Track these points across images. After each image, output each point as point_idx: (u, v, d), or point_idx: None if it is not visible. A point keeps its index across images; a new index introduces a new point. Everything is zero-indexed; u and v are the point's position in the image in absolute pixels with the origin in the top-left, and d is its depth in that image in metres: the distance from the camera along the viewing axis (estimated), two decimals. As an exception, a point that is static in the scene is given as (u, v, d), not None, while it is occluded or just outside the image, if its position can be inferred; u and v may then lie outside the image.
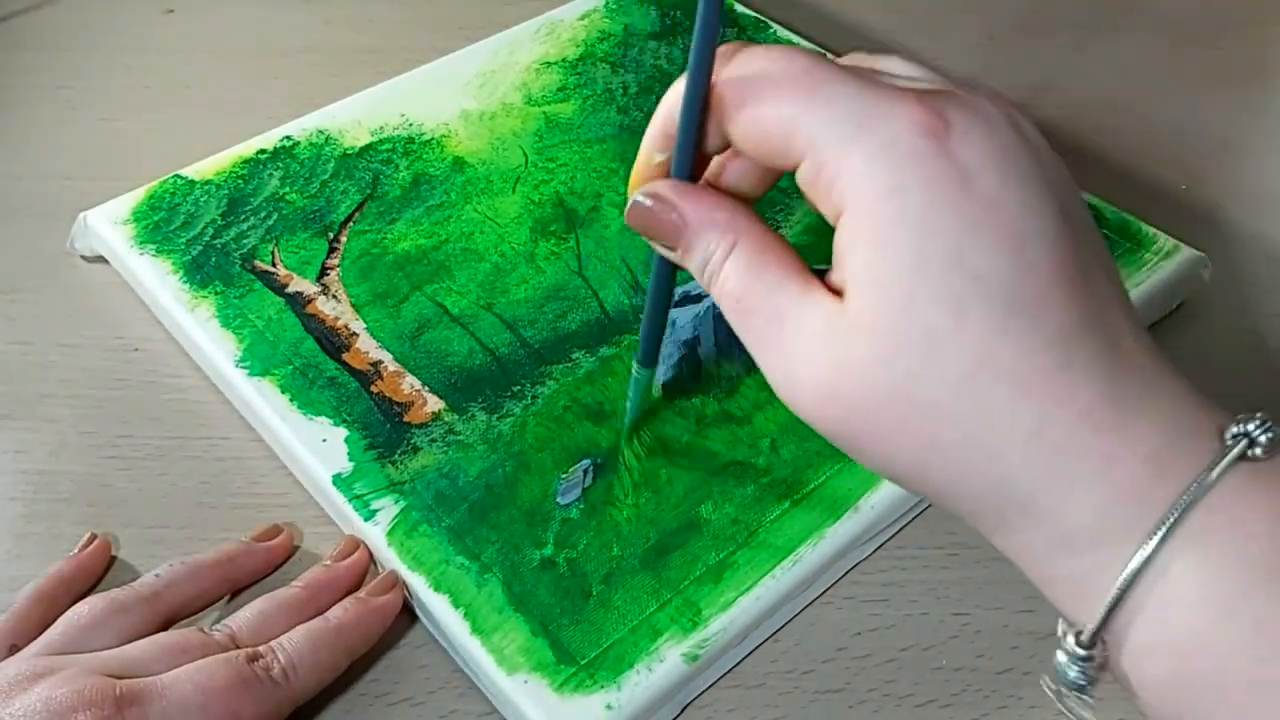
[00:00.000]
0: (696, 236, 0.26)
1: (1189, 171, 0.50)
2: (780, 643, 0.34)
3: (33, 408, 0.41)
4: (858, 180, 0.23)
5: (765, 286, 0.25)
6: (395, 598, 0.34)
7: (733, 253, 0.25)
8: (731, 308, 0.26)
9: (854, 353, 0.23)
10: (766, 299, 0.25)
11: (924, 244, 0.22)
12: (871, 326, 0.23)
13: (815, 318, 0.24)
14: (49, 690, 0.29)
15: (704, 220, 0.26)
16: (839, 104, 0.23)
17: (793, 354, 0.24)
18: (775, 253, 0.25)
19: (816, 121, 0.23)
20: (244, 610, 0.33)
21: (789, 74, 0.24)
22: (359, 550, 0.35)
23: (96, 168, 0.51)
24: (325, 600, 0.34)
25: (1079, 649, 0.23)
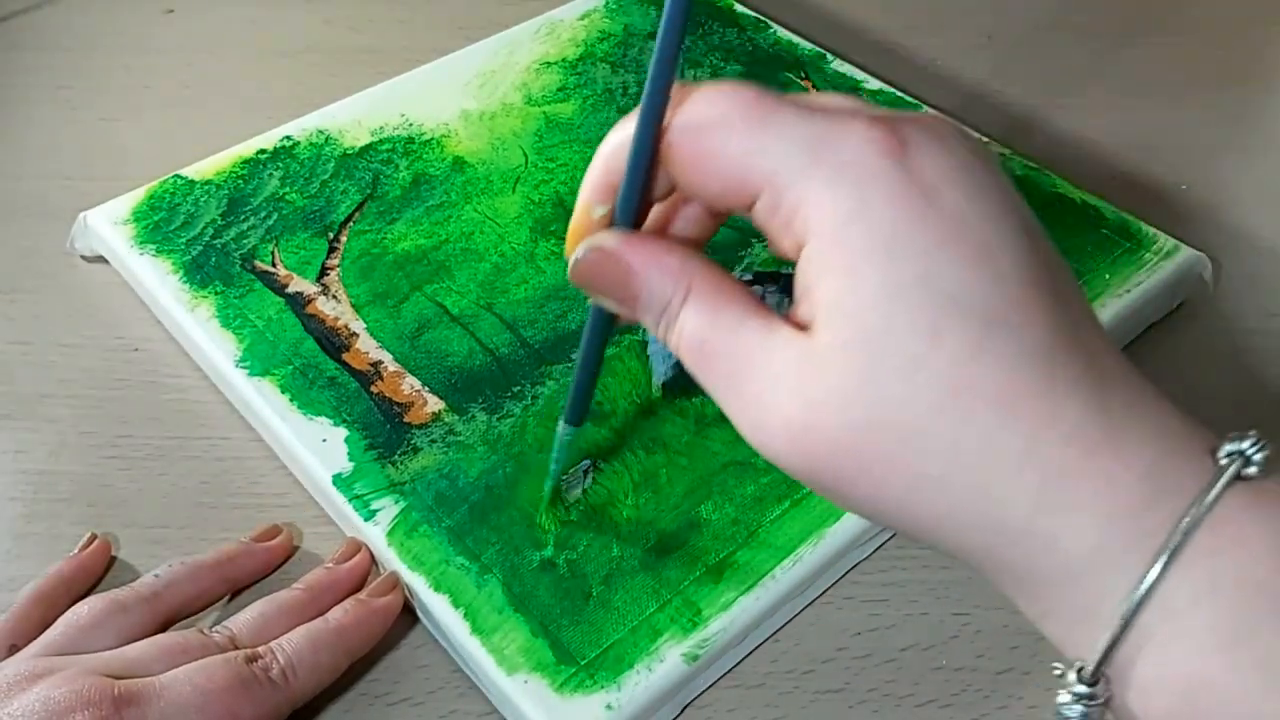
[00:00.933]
0: (647, 287, 0.25)
1: (1189, 171, 0.50)
2: (780, 643, 0.34)
3: (33, 408, 0.41)
4: (819, 207, 0.22)
5: (726, 328, 0.24)
6: (396, 599, 0.34)
7: (689, 298, 0.24)
8: (693, 355, 0.25)
9: (828, 386, 0.22)
10: (728, 340, 0.24)
11: (893, 267, 0.21)
12: (845, 357, 0.22)
13: (783, 354, 0.23)
14: (47, 690, 0.29)
15: (654, 268, 0.25)
16: (792, 132, 0.23)
17: (762, 395, 0.23)
18: (731, 293, 0.24)
19: (771, 153, 0.23)
20: (244, 612, 0.33)
21: (735, 110, 0.23)
22: (360, 552, 0.35)
23: (96, 168, 0.51)
24: (326, 602, 0.34)
25: (1082, 686, 0.21)
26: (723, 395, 0.24)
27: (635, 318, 0.26)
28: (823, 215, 0.22)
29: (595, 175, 0.26)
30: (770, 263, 0.43)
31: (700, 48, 0.53)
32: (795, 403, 0.22)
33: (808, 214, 0.22)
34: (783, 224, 0.23)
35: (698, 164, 0.24)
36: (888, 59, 0.56)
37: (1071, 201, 0.45)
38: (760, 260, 0.43)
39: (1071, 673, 0.22)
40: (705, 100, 0.24)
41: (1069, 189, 0.46)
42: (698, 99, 0.24)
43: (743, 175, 0.23)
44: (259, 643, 0.32)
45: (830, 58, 0.53)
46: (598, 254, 0.25)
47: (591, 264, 0.26)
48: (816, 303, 0.22)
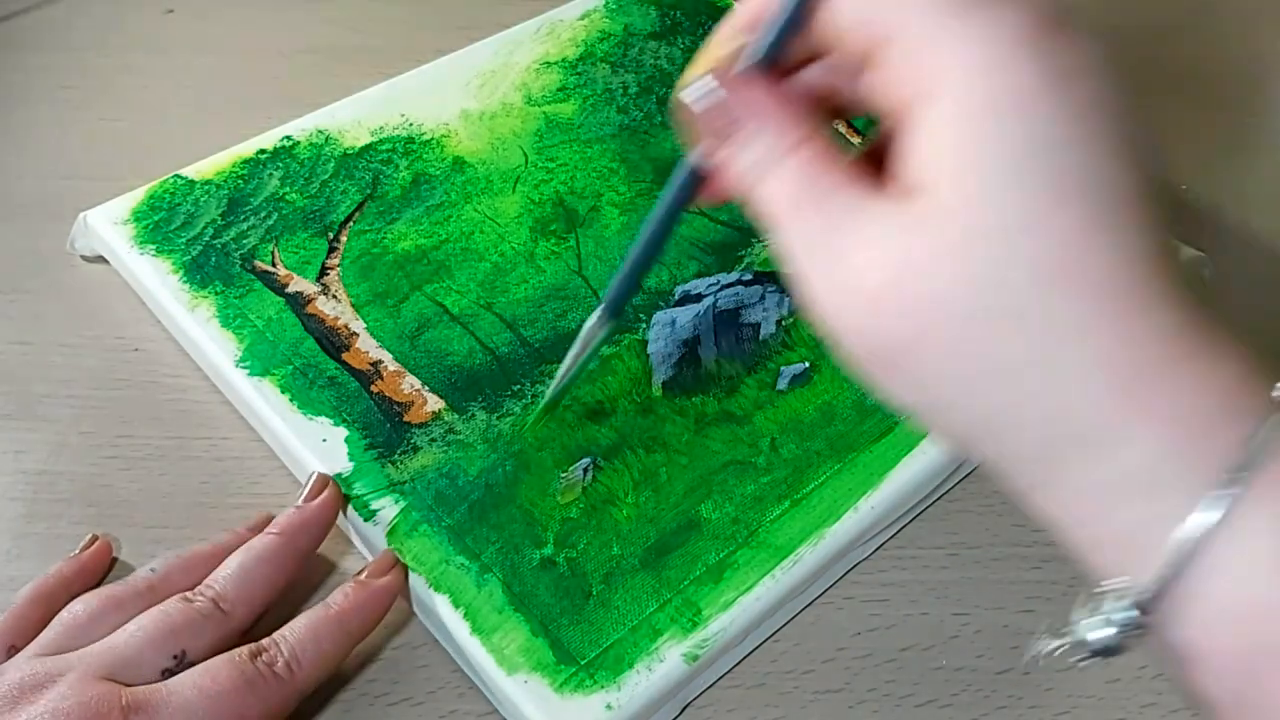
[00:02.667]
0: (763, 125, 0.24)
1: (1189, 171, 0.50)
2: (780, 643, 0.34)
3: (33, 408, 0.41)
4: (958, 55, 0.21)
5: (822, 189, 0.23)
6: (395, 578, 0.34)
7: (794, 151, 0.23)
8: (780, 210, 0.23)
9: (926, 244, 0.21)
10: (823, 202, 0.22)
11: (1023, 128, 0.20)
12: (954, 210, 0.21)
13: (877, 218, 0.22)
14: (56, 701, 0.29)
15: (775, 107, 0.24)
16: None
17: (848, 258, 0.22)
18: (835, 159, 0.23)
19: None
20: (223, 568, 0.33)
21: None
22: (329, 488, 0.35)
23: (96, 168, 0.51)
24: (302, 544, 0.34)
25: (1131, 612, 0.20)
26: (801, 259, 0.23)
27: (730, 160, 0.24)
28: (960, 65, 0.21)
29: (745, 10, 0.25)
30: (769, 263, 0.43)
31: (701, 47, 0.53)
32: (883, 262, 0.21)
33: (941, 63, 0.21)
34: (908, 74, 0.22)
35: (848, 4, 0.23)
36: (888, 59, 0.56)
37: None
38: (760, 260, 0.43)
39: (1113, 599, 0.20)
40: None
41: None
42: None
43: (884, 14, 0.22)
44: (243, 597, 0.32)
45: None
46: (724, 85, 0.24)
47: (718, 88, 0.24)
48: (930, 155, 0.21)
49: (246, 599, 0.33)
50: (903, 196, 0.22)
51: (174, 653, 0.31)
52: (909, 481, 0.36)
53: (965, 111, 0.21)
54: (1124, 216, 0.21)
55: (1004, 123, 0.21)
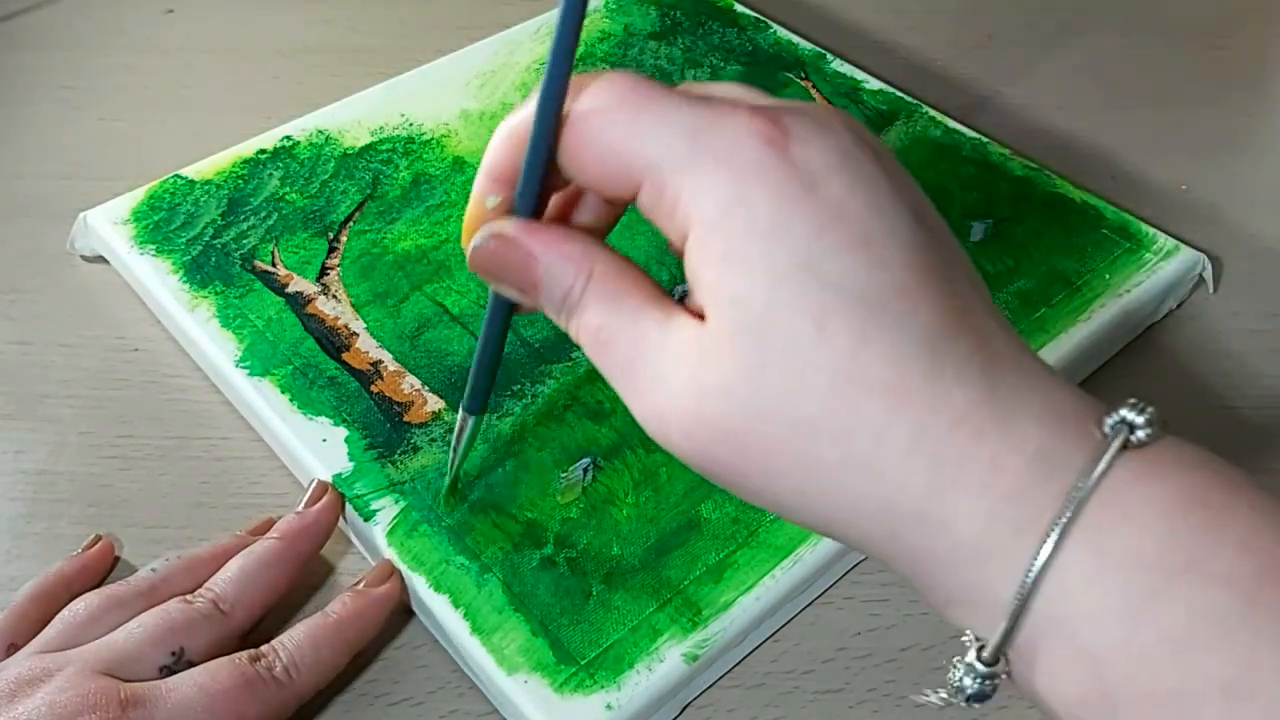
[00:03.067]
0: (549, 274, 0.25)
1: (1189, 171, 0.50)
2: (780, 643, 0.34)
3: (33, 408, 0.41)
4: (698, 197, 0.22)
5: (625, 315, 0.24)
6: (393, 587, 0.34)
7: (589, 285, 0.24)
8: (591, 341, 0.24)
9: (718, 373, 0.22)
10: (626, 327, 0.24)
11: (774, 253, 0.21)
12: (733, 346, 0.22)
13: (677, 342, 0.23)
14: (53, 694, 0.29)
15: (556, 255, 0.25)
16: (671, 120, 0.22)
17: (657, 383, 0.23)
18: (632, 280, 0.24)
19: (651, 142, 0.23)
20: (224, 570, 0.33)
21: (616, 98, 0.23)
22: (329, 493, 0.36)
23: (96, 168, 0.51)
24: (302, 549, 0.34)
25: (979, 664, 0.21)
26: (619, 384, 0.24)
27: (536, 306, 0.25)
28: (702, 204, 0.22)
29: (489, 165, 0.26)
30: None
31: (700, 48, 0.53)
32: (688, 391, 0.22)
33: (688, 203, 0.22)
34: (667, 214, 0.23)
35: (582, 152, 0.24)
36: (888, 59, 0.56)
37: (1071, 201, 0.45)
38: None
39: (972, 651, 0.22)
40: (594, 89, 0.24)
41: (1069, 189, 0.46)
42: (588, 88, 0.24)
43: (625, 164, 0.23)
44: (243, 599, 0.32)
45: (830, 58, 0.53)
46: (498, 241, 0.25)
47: (491, 251, 0.25)
48: (702, 293, 0.22)
49: (246, 601, 0.33)
50: (698, 311, 0.23)
51: (172, 649, 0.31)
52: (909, 481, 0.36)
53: (718, 253, 0.22)
54: (892, 310, 0.21)
55: (753, 259, 0.21)
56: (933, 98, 0.51)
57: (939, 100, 0.51)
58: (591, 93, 0.24)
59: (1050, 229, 0.44)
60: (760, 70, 0.52)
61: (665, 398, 0.23)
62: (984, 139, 0.48)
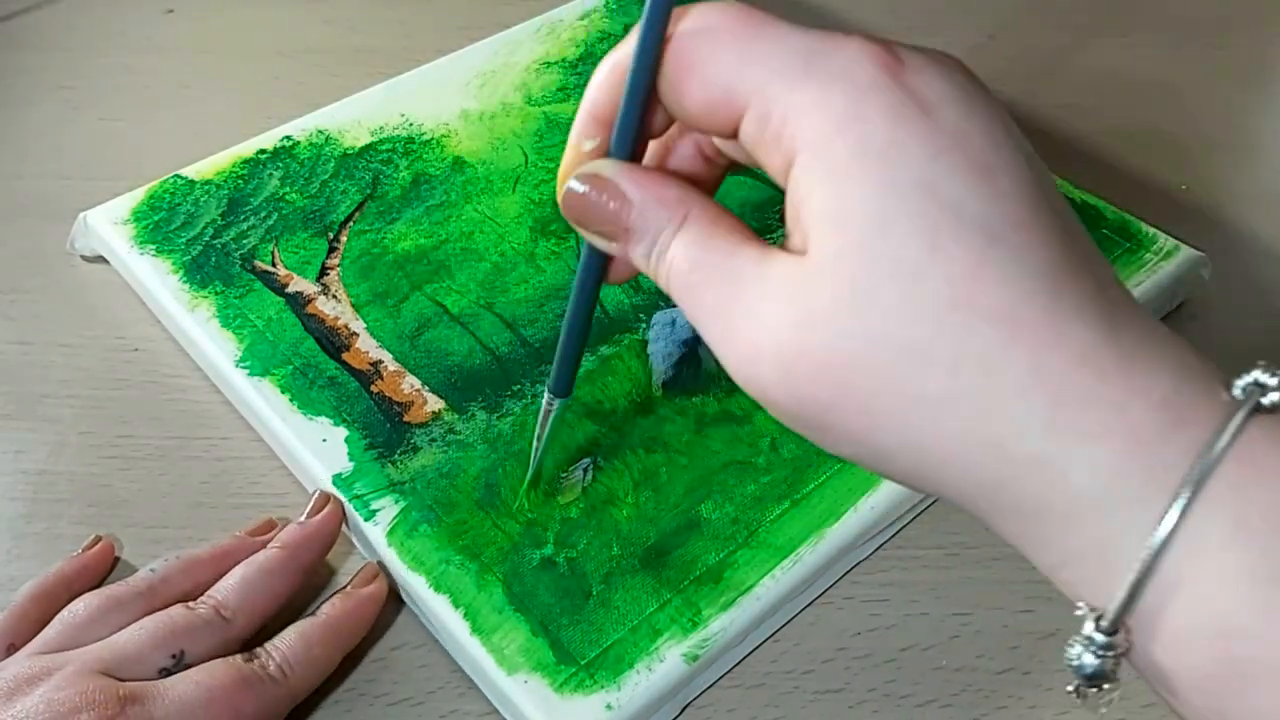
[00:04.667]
0: (643, 217, 0.24)
1: (1189, 171, 0.50)
2: (780, 643, 0.34)
3: (33, 408, 0.41)
4: (811, 115, 0.21)
5: (718, 254, 0.23)
6: (379, 587, 0.34)
7: (682, 227, 0.23)
8: (681, 284, 0.23)
9: (820, 302, 0.21)
10: (719, 266, 0.23)
11: (889, 173, 0.20)
12: (838, 268, 0.21)
13: (776, 276, 0.22)
14: (51, 692, 0.29)
15: (652, 199, 0.24)
16: (784, 43, 0.22)
17: (751, 320, 0.22)
18: (727, 223, 0.23)
19: (762, 64, 0.22)
20: (226, 578, 0.33)
21: (725, 25, 0.22)
22: (331, 504, 0.36)
23: (96, 168, 0.51)
24: (304, 558, 0.34)
25: (1099, 634, 0.20)
26: (710, 326, 0.23)
27: (626, 254, 0.25)
28: (814, 125, 0.21)
29: (587, 107, 0.25)
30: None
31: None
32: (786, 325, 0.21)
33: (799, 124, 0.21)
34: (773, 139, 0.22)
35: (687, 75, 0.23)
36: (888, 59, 0.56)
37: (1071, 201, 0.45)
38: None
39: (1089, 621, 0.20)
40: (698, 14, 0.23)
41: (1069, 189, 0.46)
42: (691, 13, 0.23)
43: (732, 85, 0.22)
44: (244, 606, 0.32)
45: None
46: (592, 182, 0.24)
47: (586, 194, 0.24)
48: (808, 219, 0.21)
49: (248, 609, 0.33)
50: (798, 251, 0.22)
51: (173, 652, 0.31)
52: (909, 481, 0.36)
53: (828, 172, 0.21)
54: (1010, 240, 0.20)
55: (866, 176, 0.21)
56: (933, 98, 0.51)
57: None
58: (697, 15, 0.23)
59: (1050, 229, 0.44)
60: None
61: (760, 333, 0.22)
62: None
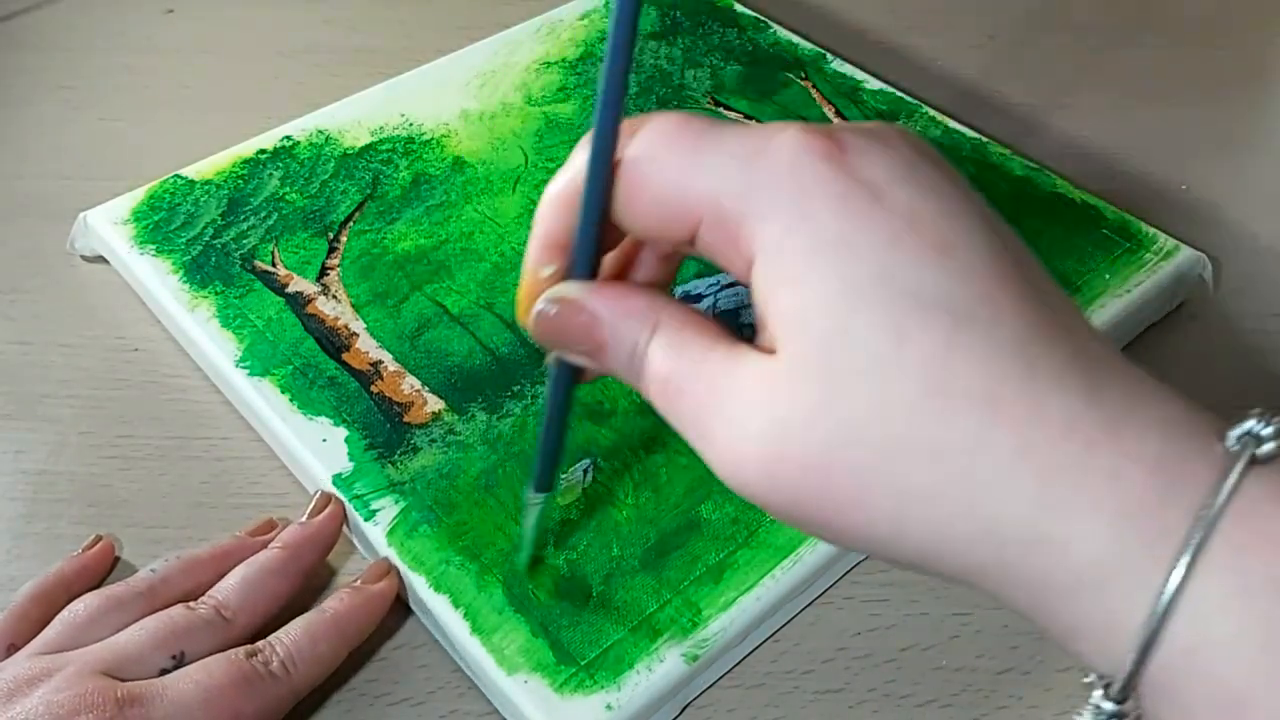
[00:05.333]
0: (615, 332, 0.24)
1: (1189, 171, 0.50)
2: (780, 643, 0.34)
3: (33, 408, 0.41)
4: (761, 221, 0.21)
5: (691, 359, 0.23)
6: (389, 584, 0.34)
7: (654, 335, 0.23)
8: (659, 393, 0.23)
9: (793, 406, 0.21)
10: (694, 372, 0.23)
11: (845, 267, 0.20)
12: (806, 370, 0.21)
13: (748, 378, 0.22)
14: (50, 694, 0.29)
15: (621, 313, 0.24)
16: (724, 149, 0.22)
17: (731, 426, 0.22)
18: (695, 325, 0.23)
19: (706, 174, 0.22)
20: (228, 578, 0.33)
21: (666, 138, 0.23)
22: (332, 504, 0.36)
23: (96, 168, 0.51)
24: (306, 558, 0.34)
25: (1109, 704, 0.20)
26: (692, 433, 0.23)
27: (604, 367, 0.25)
28: (765, 228, 0.21)
29: (541, 234, 0.25)
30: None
31: (700, 48, 0.53)
32: (764, 430, 0.21)
33: (751, 229, 0.21)
34: (730, 245, 0.22)
35: (637, 199, 0.23)
36: (888, 59, 0.56)
37: (1071, 201, 0.45)
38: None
39: (1098, 690, 0.20)
40: (638, 137, 0.23)
41: (1069, 189, 0.46)
42: (637, 136, 0.23)
43: (681, 201, 0.22)
44: (245, 607, 0.32)
45: (830, 58, 0.52)
46: (561, 305, 0.25)
47: (554, 317, 0.25)
48: (773, 321, 0.21)
49: (249, 609, 0.33)
50: (768, 348, 0.22)
51: (173, 653, 0.31)
52: (909, 481, 0.36)
53: (785, 274, 0.21)
54: (978, 317, 0.20)
55: (822, 275, 0.20)
56: (933, 98, 0.51)
57: (939, 100, 0.51)
58: (640, 139, 0.23)
59: (1050, 229, 0.44)
60: (760, 70, 0.52)
61: (740, 441, 0.22)
62: (984, 139, 0.48)
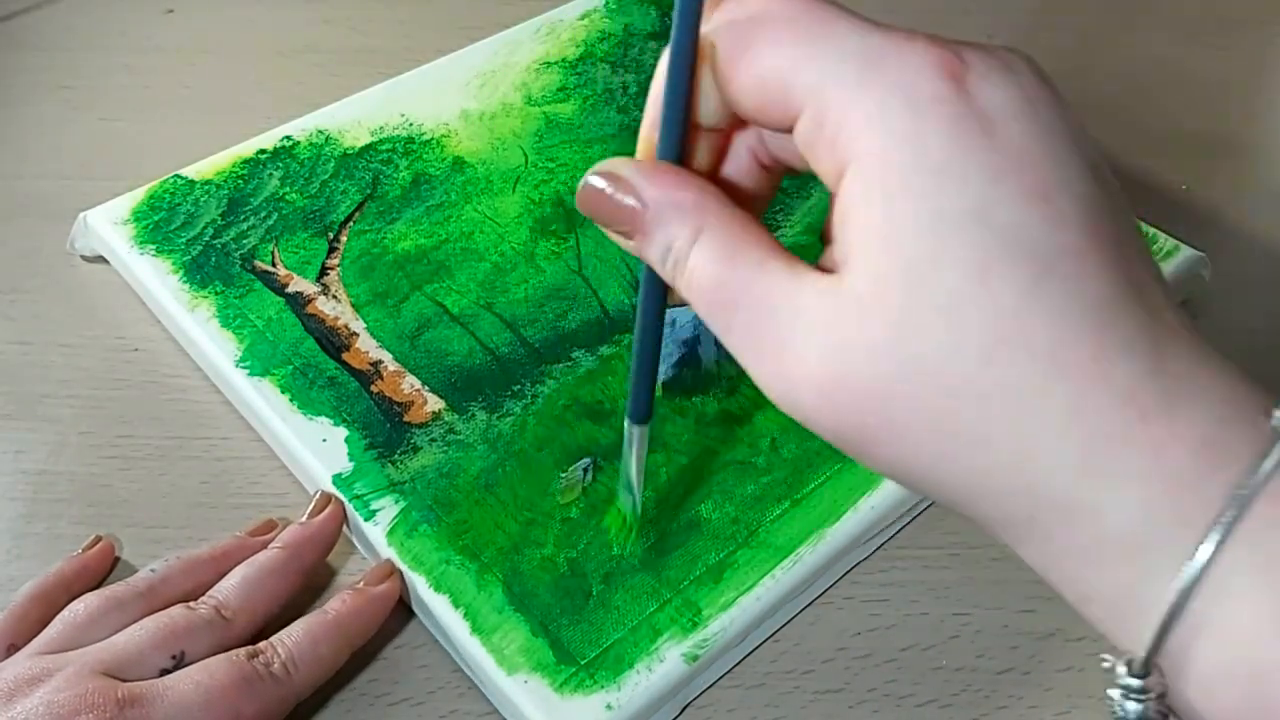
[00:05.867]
0: (656, 221, 0.23)
1: (1189, 171, 0.50)
2: (780, 643, 0.34)
3: (33, 408, 0.41)
4: (867, 126, 0.20)
5: (745, 272, 0.22)
6: (393, 586, 0.34)
7: (700, 239, 0.22)
8: (707, 302, 0.22)
9: (862, 330, 0.20)
10: (749, 286, 0.22)
11: (942, 194, 0.20)
12: (883, 295, 0.20)
13: (811, 300, 0.21)
14: (51, 694, 0.29)
15: (665, 202, 0.23)
16: (845, 45, 0.21)
17: (786, 346, 0.21)
18: (751, 235, 0.22)
19: (820, 64, 0.21)
20: (228, 579, 0.33)
21: (786, 16, 0.21)
22: (332, 504, 0.36)
23: (96, 168, 0.51)
24: (306, 558, 0.34)
25: (1133, 679, 0.19)
26: (741, 347, 0.22)
27: (642, 256, 0.24)
28: (869, 137, 0.20)
29: (652, 98, 0.24)
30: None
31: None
32: (823, 351, 0.21)
33: (853, 134, 0.20)
34: (826, 146, 0.21)
35: (742, 65, 0.22)
36: (888, 59, 0.56)
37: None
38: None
39: (1120, 664, 0.20)
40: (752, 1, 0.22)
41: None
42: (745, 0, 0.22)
43: (788, 84, 0.21)
44: (245, 607, 0.32)
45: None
46: (608, 180, 0.23)
47: (597, 193, 0.23)
48: (853, 235, 0.21)
49: (249, 609, 0.33)
50: (838, 270, 0.21)
51: (173, 653, 0.31)
52: (909, 481, 0.36)
53: (879, 189, 0.20)
54: (1062, 271, 0.19)
55: (918, 199, 0.20)
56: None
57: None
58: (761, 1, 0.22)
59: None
60: (760, 70, 0.52)
61: (794, 362, 0.21)
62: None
